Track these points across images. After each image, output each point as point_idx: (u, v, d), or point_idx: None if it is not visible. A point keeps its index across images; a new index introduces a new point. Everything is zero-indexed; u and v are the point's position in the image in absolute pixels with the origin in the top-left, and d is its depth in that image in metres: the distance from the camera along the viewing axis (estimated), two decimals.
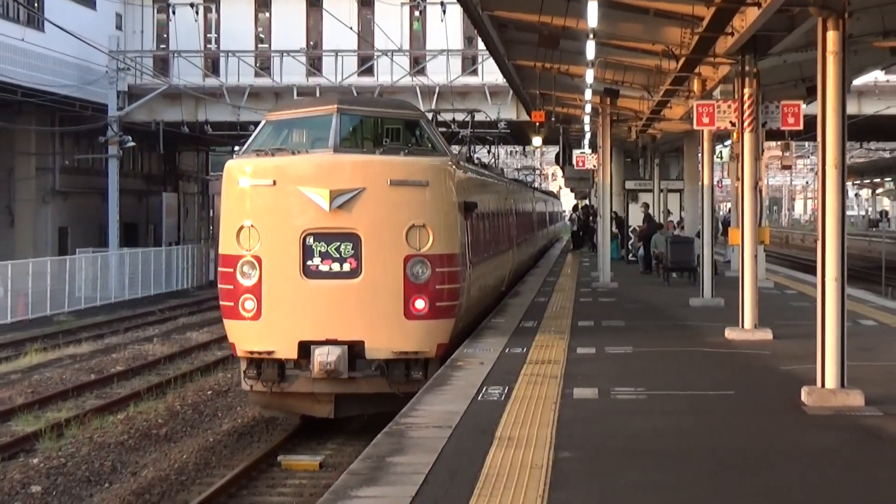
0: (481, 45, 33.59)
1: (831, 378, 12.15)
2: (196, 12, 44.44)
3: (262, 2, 47.19)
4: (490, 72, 41.05)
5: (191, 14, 44.19)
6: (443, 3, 42.47)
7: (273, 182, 16.43)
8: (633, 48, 22.19)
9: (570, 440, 10.59)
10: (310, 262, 16.29)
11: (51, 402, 21.32)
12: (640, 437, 10.88)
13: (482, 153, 41.26)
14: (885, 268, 40.60)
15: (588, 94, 27.84)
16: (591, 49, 20.47)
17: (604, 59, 23.48)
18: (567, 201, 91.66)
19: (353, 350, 16.24)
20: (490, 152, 43.09)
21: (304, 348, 16.28)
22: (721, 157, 36.72)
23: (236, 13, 46.90)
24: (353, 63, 44.70)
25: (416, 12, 46.52)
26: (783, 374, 14.46)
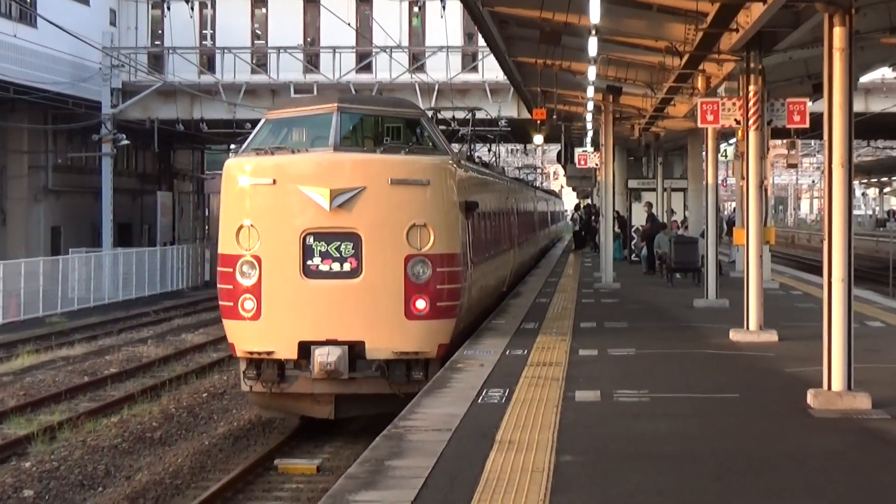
0: (482, 41, 33.62)
1: (838, 380, 12.16)
2: (191, 8, 44.46)
3: None
4: (490, 69, 41.08)
5: (186, 10, 44.21)
6: None
7: (273, 181, 16.52)
8: (636, 45, 22.21)
9: (572, 444, 10.60)
10: (310, 262, 16.38)
11: (43, 405, 21.31)
12: (643, 440, 10.88)
13: (482, 152, 41.28)
14: (892, 268, 40.56)
15: (590, 92, 27.88)
16: (593, 45, 20.50)
17: (606, 55, 23.51)
18: (569, 200, 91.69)
19: (354, 350, 16.34)
20: (490, 150, 43.09)
21: (304, 348, 16.37)
22: (726, 156, 36.79)
23: (232, 9, 46.89)
24: (351, 60, 44.73)
25: (416, 8, 46.52)
26: (789, 377, 14.47)
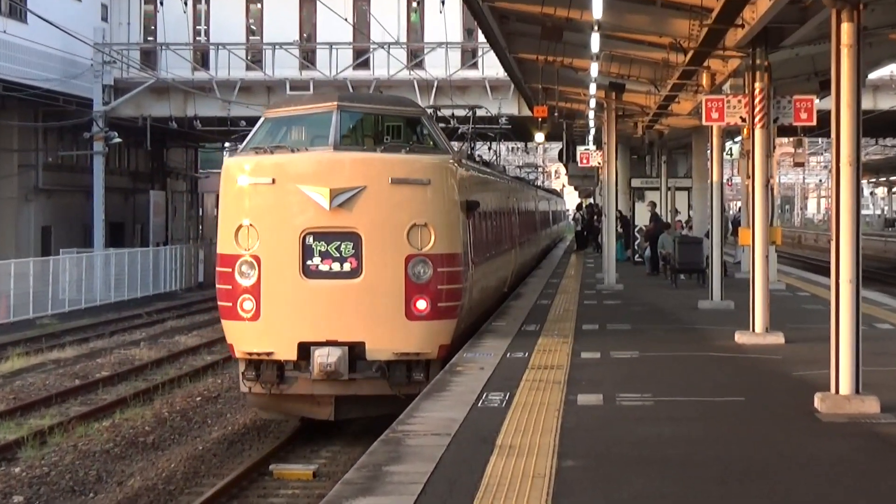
0: (481, 37, 33.59)
1: (846, 384, 12.15)
2: (185, 3, 44.46)
3: None
4: (490, 65, 41.10)
5: (179, 5, 44.21)
6: None
7: (272, 180, 16.65)
8: (639, 41, 22.23)
9: (574, 448, 10.60)
10: (309, 262, 16.50)
11: (33, 409, 21.33)
12: (646, 444, 10.88)
13: (482, 150, 41.29)
14: None
15: (592, 89, 27.90)
16: (595, 42, 20.51)
17: (609, 52, 23.54)
18: (570, 200, 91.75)
19: (354, 351, 16.45)
20: (491, 149, 43.12)
21: (304, 349, 16.48)
22: (731, 154, 36.78)
23: (227, 4, 46.90)
24: (349, 56, 44.76)
25: (414, 3, 46.54)
26: (795, 380, 14.47)
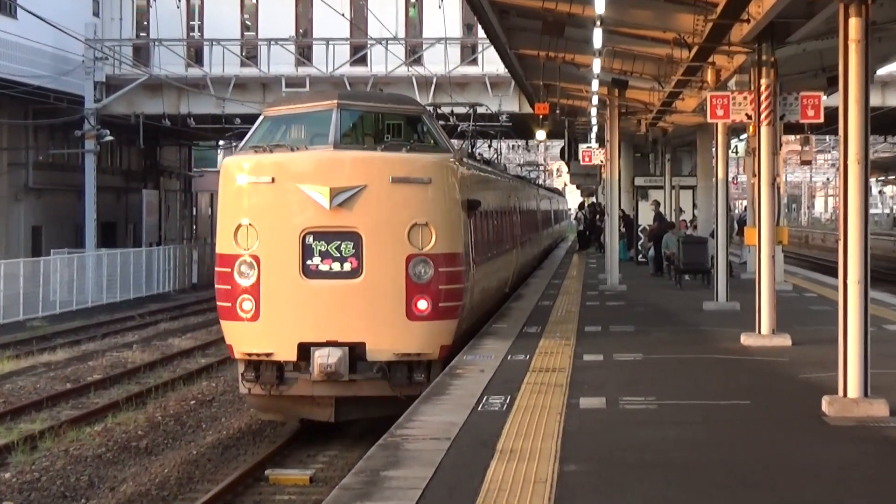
0: (481, 33, 33.63)
1: (854, 386, 12.15)
2: None
3: None
4: (491, 61, 41.08)
5: (172, 0, 44.18)
6: None
7: (272, 179, 16.75)
8: (642, 36, 22.23)
9: (576, 453, 10.60)
10: (309, 262, 16.58)
11: (24, 413, 21.33)
12: (650, 449, 10.88)
13: (483, 148, 41.29)
14: None
15: (595, 86, 27.90)
16: (598, 37, 20.51)
17: (612, 47, 23.52)
18: (573, 199, 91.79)
19: (354, 352, 16.53)
20: (491, 147, 43.14)
21: (304, 350, 16.55)
22: (736, 152, 36.83)
23: None
24: (346, 52, 44.76)
25: None
26: (802, 383, 14.48)
